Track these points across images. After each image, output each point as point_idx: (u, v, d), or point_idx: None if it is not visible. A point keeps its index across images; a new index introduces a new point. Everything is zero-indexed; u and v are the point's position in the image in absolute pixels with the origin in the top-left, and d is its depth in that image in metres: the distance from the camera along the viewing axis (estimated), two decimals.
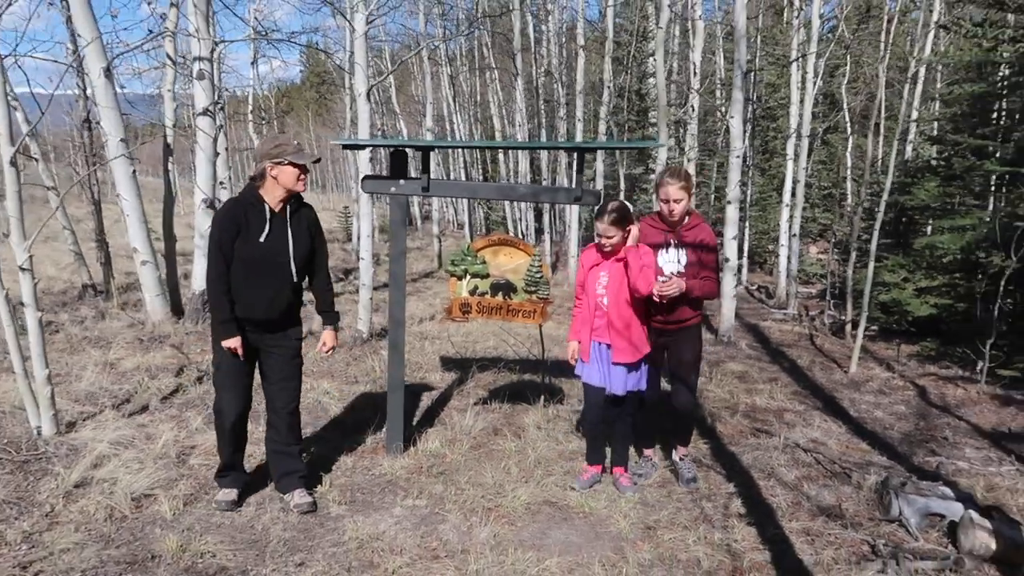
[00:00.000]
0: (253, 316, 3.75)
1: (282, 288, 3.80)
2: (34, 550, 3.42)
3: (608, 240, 4.03)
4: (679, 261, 4.22)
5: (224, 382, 3.82)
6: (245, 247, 3.66)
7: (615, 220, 3.99)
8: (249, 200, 3.72)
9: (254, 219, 3.69)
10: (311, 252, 3.93)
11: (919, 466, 4.86)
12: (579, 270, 4.38)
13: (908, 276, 9.12)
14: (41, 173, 9.81)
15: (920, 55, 12.96)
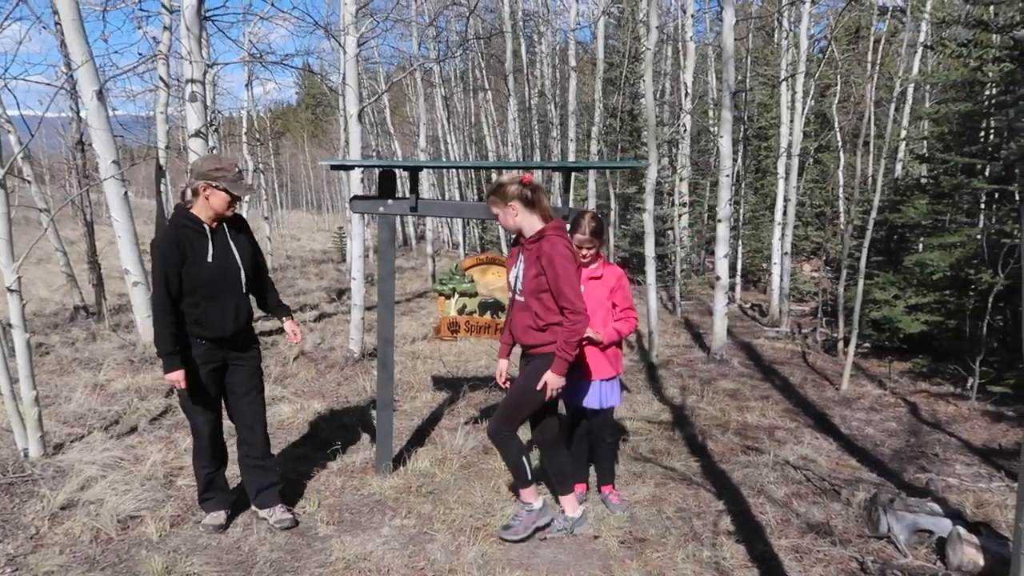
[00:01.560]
0: (222, 334, 3.75)
1: (239, 301, 3.81)
2: (18, 573, 3.40)
3: (582, 249, 4.02)
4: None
5: (195, 405, 3.79)
6: (195, 270, 3.62)
7: (594, 230, 4.03)
8: (186, 223, 3.65)
9: (197, 241, 3.64)
10: (255, 262, 3.94)
11: (909, 482, 4.86)
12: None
13: (899, 293, 9.16)
14: (34, 195, 9.83)
15: (908, 75, 13.11)
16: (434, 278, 16.61)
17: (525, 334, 3.72)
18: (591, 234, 4.03)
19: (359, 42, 7.34)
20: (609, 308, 4.13)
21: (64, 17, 6.25)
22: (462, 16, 18.36)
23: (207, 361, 3.75)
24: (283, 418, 5.83)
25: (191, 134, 7.64)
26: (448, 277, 4.93)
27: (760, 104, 19.17)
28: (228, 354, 3.84)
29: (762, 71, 18.44)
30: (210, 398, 3.82)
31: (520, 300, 3.73)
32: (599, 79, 13.55)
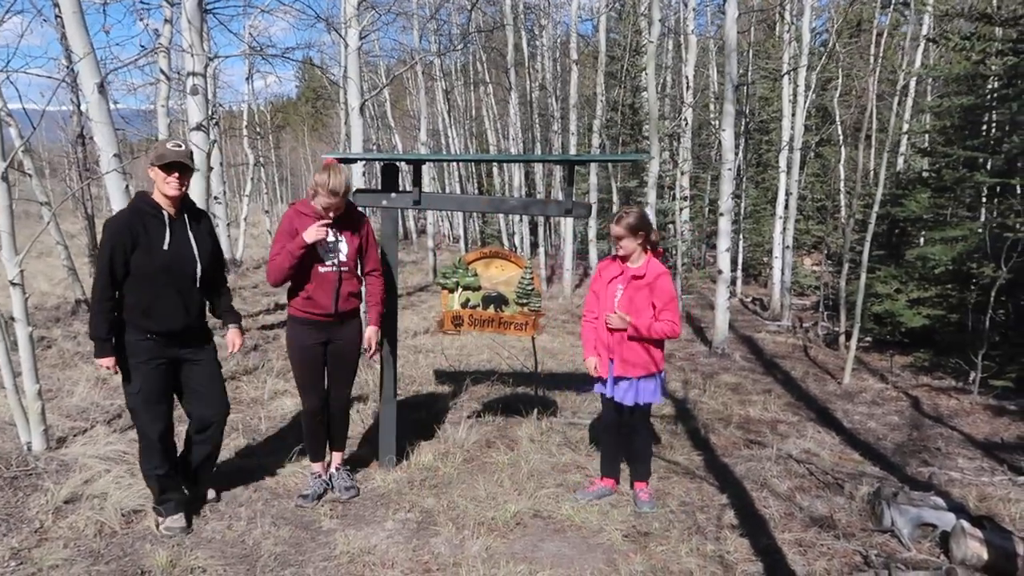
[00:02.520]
0: (172, 327, 3.63)
1: (192, 294, 3.70)
2: (23, 567, 3.40)
3: (623, 243, 4.03)
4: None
5: (143, 404, 3.65)
6: (148, 257, 3.53)
7: (628, 225, 4.00)
8: (144, 208, 3.58)
9: (153, 227, 3.55)
10: (213, 258, 3.83)
11: (912, 476, 4.87)
12: (595, 279, 4.32)
13: (900, 287, 9.15)
14: (35, 188, 9.80)
15: (910, 68, 13.07)
16: (435, 272, 16.60)
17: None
18: (626, 228, 4.00)
19: (361, 35, 7.31)
20: (647, 307, 4.06)
21: (65, 10, 6.21)
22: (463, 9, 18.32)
23: (155, 357, 3.62)
24: (286, 411, 5.82)
25: (192, 127, 7.62)
26: (451, 271, 4.92)
27: (761, 98, 19.11)
28: (179, 351, 3.72)
29: (763, 64, 18.38)
30: (159, 396, 3.68)
31: None
32: (601, 72, 13.51)
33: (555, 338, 9.33)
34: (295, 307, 4.01)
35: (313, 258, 3.91)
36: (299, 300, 3.97)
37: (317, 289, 3.92)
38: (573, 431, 5.52)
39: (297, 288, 3.96)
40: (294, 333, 4.06)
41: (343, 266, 3.98)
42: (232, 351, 4.07)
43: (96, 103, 5.81)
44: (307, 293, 3.93)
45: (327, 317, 3.99)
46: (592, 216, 13.97)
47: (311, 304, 3.94)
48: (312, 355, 4.07)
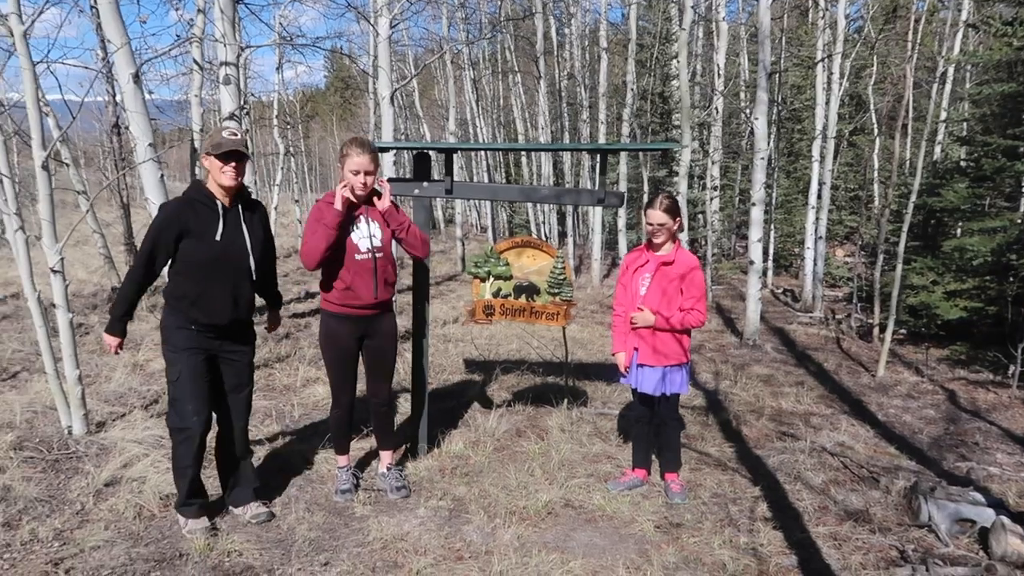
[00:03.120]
0: (218, 321, 3.56)
1: (242, 288, 3.63)
2: (65, 547, 3.47)
3: (662, 229, 3.98)
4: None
5: (186, 393, 3.53)
6: (199, 247, 3.46)
7: (668, 207, 3.97)
8: (197, 198, 3.51)
9: (206, 217, 3.48)
10: (265, 249, 3.77)
11: (949, 471, 4.79)
12: (622, 273, 4.30)
13: (937, 279, 8.99)
14: (72, 178, 9.99)
15: (949, 55, 12.78)
16: (463, 262, 16.63)
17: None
18: (665, 211, 3.96)
19: (391, 24, 7.32)
20: (676, 295, 4.03)
21: (101, 0, 6.31)
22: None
23: (194, 347, 3.55)
24: (318, 399, 5.88)
25: (225, 117, 7.69)
26: (483, 260, 4.92)
27: (794, 86, 18.85)
28: (221, 344, 3.65)
29: (796, 52, 18.10)
30: (200, 386, 3.58)
31: None
32: (631, 60, 13.40)
33: (584, 328, 9.31)
34: (331, 301, 3.92)
35: (349, 246, 3.84)
36: (336, 293, 3.88)
37: (355, 278, 3.84)
38: (603, 421, 5.51)
39: (333, 279, 3.87)
40: (328, 329, 3.98)
41: (378, 251, 3.89)
42: (269, 330, 4.15)
43: (131, 93, 5.90)
44: (345, 283, 3.84)
45: (365, 309, 3.92)
46: (622, 206, 13.88)
47: (350, 295, 3.86)
48: (347, 352, 4.00)
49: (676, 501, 4.16)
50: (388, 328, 4.11)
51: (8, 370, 6.42)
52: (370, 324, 4.00)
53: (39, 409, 5.25)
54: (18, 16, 4.31)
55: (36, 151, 4.50)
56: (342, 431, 4.19)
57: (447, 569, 3.41)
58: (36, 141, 4.49)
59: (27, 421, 5.03)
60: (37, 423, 5.01)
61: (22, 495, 3.94)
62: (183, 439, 3.57)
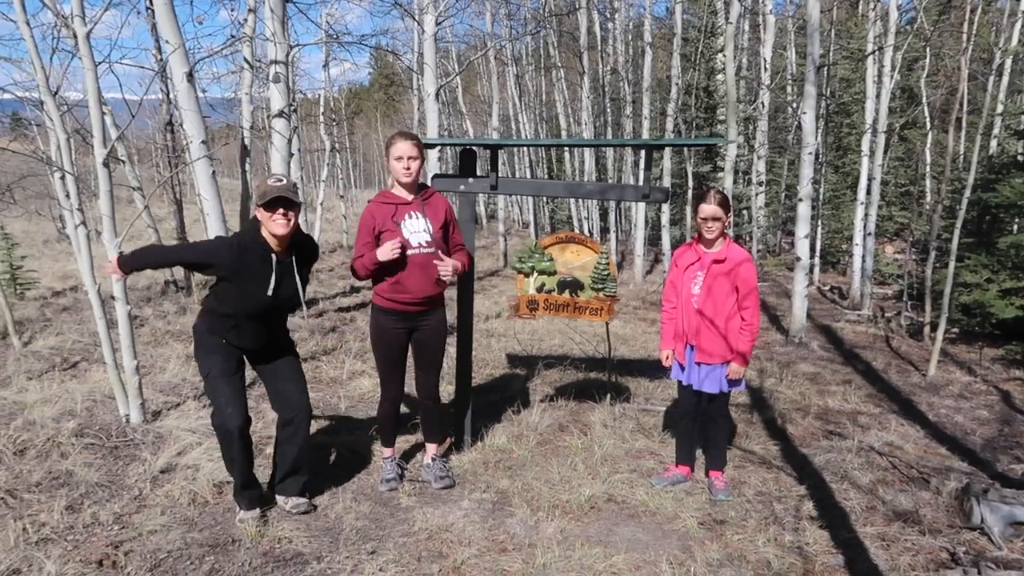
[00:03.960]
0: (251, 347, 3.71)
1: (279, 321, 3.78)
2: (124, 531, 3.61)
3: (715, 224, 3.94)
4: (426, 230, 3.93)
5: (218, 387, 3.57)
6: (248, 298, 3.50)
7: (721, 201, 3.94)
8: (252, 248, 3.50)
9: (257, 269, 3.49)
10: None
11: (1003, 473, 4.68)
12: (671, 270, 4.28)
13: (992, 277, 8.75)
14: (127, 174, 10.29)
15: (1006, 46, 12.39)
16: (506, 257, 16.69)
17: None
18: (719, 204, 3.93)
19: (437, 20, 7.39)
20: (728, 294, 4.00)
21: (157, 2, 6.49)
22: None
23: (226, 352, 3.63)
24: (364, 391, 5.98)
25: (274, 114, 7.85)
26: (527, 255, 4.95)
27: (842, 79, 18.46)
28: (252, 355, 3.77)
29: (846, 44, 17.71)
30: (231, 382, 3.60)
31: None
32: (676, 54, 13.27)
33: (626, 324, 9.28)
34: (381, 295, 3.96)
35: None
36: (385, 287, 3.91)
37: (404, 274, 3.87)
38: (646, 417, 5.50)
39: (383, 273, 3.90)
40: (378, 323, 4.02)
41: (428, 247, 3.91)
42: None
43: (185, 92, 6.06)
44: (394, 278, 3.88)
45: (413, 305, 3.95)
46: (667, 201, 13.78)
47: (399, 289, 3.89)
48: (396, 346, 4.04)
49: (720, 498, 4.15)
50: (438, 323, 4.13)
51: (69, 360, 6.66)
52: (419, 318, 4.04)
53: (98, 398, 5.45)
54: (81, 18, 4.47)
55: (97, 149, 4.66)
56: (389, 423, 4.26)
57: (491, 560, 3.46)
58: (98, 139, 4.65)
59: (87, 409, 5.22)
60: (97, 411, 5.20)
61: (84, 480, 4.10)
62: (222, 434, 3.61)
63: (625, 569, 3.40)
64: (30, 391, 5.58)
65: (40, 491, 3.97)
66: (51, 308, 9.28)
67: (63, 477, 4.14)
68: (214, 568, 3.32)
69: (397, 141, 3.84)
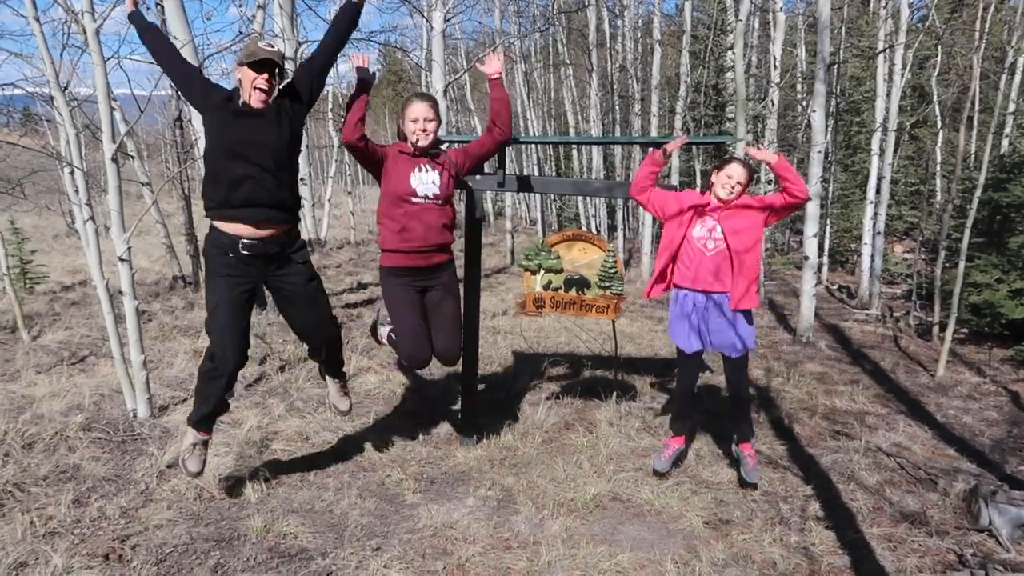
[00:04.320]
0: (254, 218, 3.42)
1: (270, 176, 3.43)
2: (131, 525, 3.63)
3: (738, 184, 3.87)
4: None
5: (222, 323, 3.45)
6: (219, 126, 3.39)
7: (750, 170, 3.88)
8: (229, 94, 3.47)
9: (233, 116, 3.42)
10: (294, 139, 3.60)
11: (1012, 475, 4.65)
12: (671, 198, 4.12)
13: (1002, 277, 8.70)
14: (136, 170, 10.33)
15: (1019, 44, 12.29)
16: (512, 254, 16.67)
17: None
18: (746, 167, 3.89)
19: (446, 17, 7.38)
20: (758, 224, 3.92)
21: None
22: None
23: (234, 276, 3.45)
24: (370, 388, 5.99)
25: None
26: (534, 253, 4.94)
27: (852, 77, 18.35)
28: (264, 271, 3.54)
29: (856, 42, 17.61)
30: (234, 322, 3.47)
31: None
32: (685, 52, 13.23)
33: (633, 322, 9.26)
34: (388, 249, 3.91)
35: (406, 190, 3.84)
36: (392, 236, 3.87)
37: (410, 220, 3.84)
38: (652, 416, 5.49)
39: (388, 220, 3.88)
40: (389, 285, 3.98)
41: (436, 198, 3.90)
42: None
43: None
44: (400, 224, 3.83)
45: (421, 254, 3.90)
46: None
47: (405, 238, 3.84)
48: (411, 300, 3.97)
49: (753, 479, 4.10)
50: (449, 279, 4.11)
51: (77, 354, 6.70)
52: (429, 275, 4.01)
53: (106, 392, 5.48)
54: (91, 14, 4.48)
55: (106, 144, 4.68)
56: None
57: (495, 558, 3.46)
58: (106, 135, 4.66)
59: (95, 403, 5.25)
60: (104, 405, 5.22)
61: (91, 474, 4.12)
62: (209, 369, 3.54)
63: (630, 568, 3.39)
64: (38, 385, 5.61)
65: (47, 485, 3.99)
66: (60, 302, 9.32)
67: (70, 471, 4.16)
68: (219, 563, 3.33)
69: (413, 102, 3.81)
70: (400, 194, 3.86)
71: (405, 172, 3.88)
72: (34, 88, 6.87)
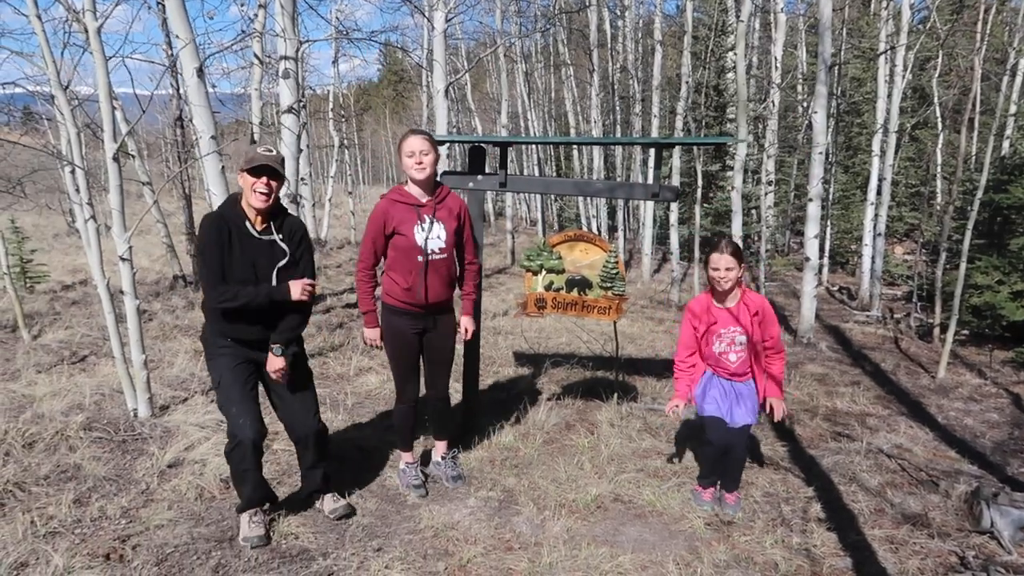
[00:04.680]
0: (248, 337, 3.49)
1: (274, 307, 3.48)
2: (131, 525, 3.62)
3: (728, 274, 3.73)
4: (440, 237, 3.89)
5: (231, 396, 3.44)
6: (230, 266, 3.37)
7: (734, 251, 3.73)
8: (231, 218, 3.40)
9: (237, 236, 3.39)
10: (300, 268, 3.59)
11: (1013, 476, 4.64)
12: (686, 326, 4.01)
13: (1003, 279, 8.69)
14: (137, 169, 10.33)
15: (1020, 46, 12.29)
16: (513, 254, 16.68)
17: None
18: (732, 254, 3.73)
19: (447, 17, 7.38)
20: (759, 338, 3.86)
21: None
22: None
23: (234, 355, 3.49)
24: (370, 388, 5.98)
25: (283, 110, 7.86)
26: (536, 253, 4.94)
27: (853, 79, 18.37)
28: (260, 355, 3.55)
29: (857, 44, 17.61)
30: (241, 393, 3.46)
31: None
32: (686, 52, 13.22)
33: (634, 323, 9.26)
34: (390, 296, 3.92)
35: (410, 246, 3.80)
36: (398, 291, 3.87)
37: (415, 278, 3.82)
38: (653, 417, 5.49)
39: (393, 276, 3.87)
40: (389, 323, 3.96)
41: (441, 253, 3.86)
42: (273, 374, 3.57)
43: (195, 87, 6.05)
44: (407, 284, 3.83)
45: (422, 308, 3.91)
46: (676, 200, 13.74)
47: (410, 296, 3.85)
48: (409, 346, 3.98)
49: (728, 512, 4.02)
50: (447, 323, 4.10)
51: (78, 354, 6.69)
52: (429, 319, 4.00)
53: (107, 392, 5.47)
54: (93, 13, 4.47)
55: (107, 143, 4.67)
56: (408, 426, 4.17)
57: (497, 559, 3.45)
58: (108, 134, 4.66)
59: (96, 403, 5.24)
60: (105, 405, 5.22)
61: (91, 474, 4.12)
62: (234, 445, 3.46)
63: (631, 569, 3.39)
64: (39, 384, 5.60)
65: (48, 484, 3.98)
66: (60, 302, 9.32)
67: (71, 471, 4.16)
68: (220, 563, 3.32)
69: (408, 137, 3.80)
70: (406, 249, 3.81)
71: (409, 226, 3.80)
72: (35, 87, 6.85)
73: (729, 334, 3.89)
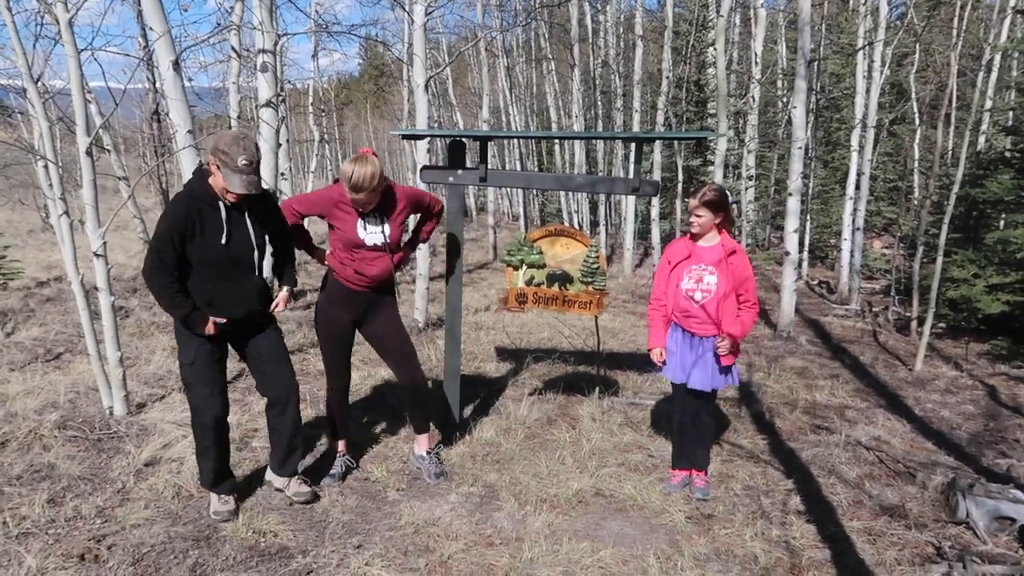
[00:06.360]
0: (235, 314, 3.53)
1: (251, 282, 3.56)
2: (107, 524, 3.57)
3: (697, 220, 3.83)
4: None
5: (199, 376, 3.51)
6: (203, 250, 3.36)
7: (710, 201, 3.79)
8: (202, 197, 3.37)
9: (210, 219, 3.37)
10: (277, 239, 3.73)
11: (988, 468, 4.70)
12: (662, 264, 4.08)
13: (979, 272, 8.80)
14: (113, 164, 10.19)
15: (995, 42, 12.43)
16: (495, 249, 16.65)
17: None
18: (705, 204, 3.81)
19: (427, 11, 7.33)
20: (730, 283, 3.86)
21: None
22: None
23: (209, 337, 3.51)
24: (352, 384, 5.92)
25: (262, 104, 7.77)
26: (516, 248, 4.92)
27: (832, 74, 18.49)
28: (236, 333, 3.63)
29: (836, 39, 17.74)
30: (213, 373, 3.55)
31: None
32: (667, 47, 13.25)
33: (616, 318, 9.28)
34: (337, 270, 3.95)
35: (355, 242, 3.82)
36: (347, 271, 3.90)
37: (363, 266, 3.86)
38: (635, 411, 5.50)
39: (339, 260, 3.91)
40: (325, 305, 4.00)
41: (383, 248, 3.89)
42: (277, 309, 3.78)
43: (171, 80, 5.96)
44: (355, 267, 3.86)
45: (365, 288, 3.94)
46: (656, 195, 13.79)
47: (356, 277, 3.89)
48: (341, 330, 4.02)
49: (699, 496, 4.08)
50: (388, 308, 4.11)
51: (52, 351, 6.59)
52: (368, 305, 4.02)
53: (82, 390, 5.39)
54: (64, 4, 4.39)
55: (80, 138, 4.59)
56: (339, 415, 4.28)
57: (478, 555, 3.44)
58: (80, 128, 4.58)
59: (70, 401, 5.16)
60: (80, 403, 5.14)
61: (66, 473, 4.06)
62: (198, 422, 3.55)
63: (612, 564, 3.39)
64: (12, 383, 5.51)
65: (21, 484, 3.91)
66: (35, 299, 9.17)
67: (45, 470, 4.09)
68: (198, 562, 3.29)
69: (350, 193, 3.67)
70: (348, 242, 3.85)
71: (351, 223, 3.82)
72: (6, 80, 6.74)
73: (699, 270, 3.92)
